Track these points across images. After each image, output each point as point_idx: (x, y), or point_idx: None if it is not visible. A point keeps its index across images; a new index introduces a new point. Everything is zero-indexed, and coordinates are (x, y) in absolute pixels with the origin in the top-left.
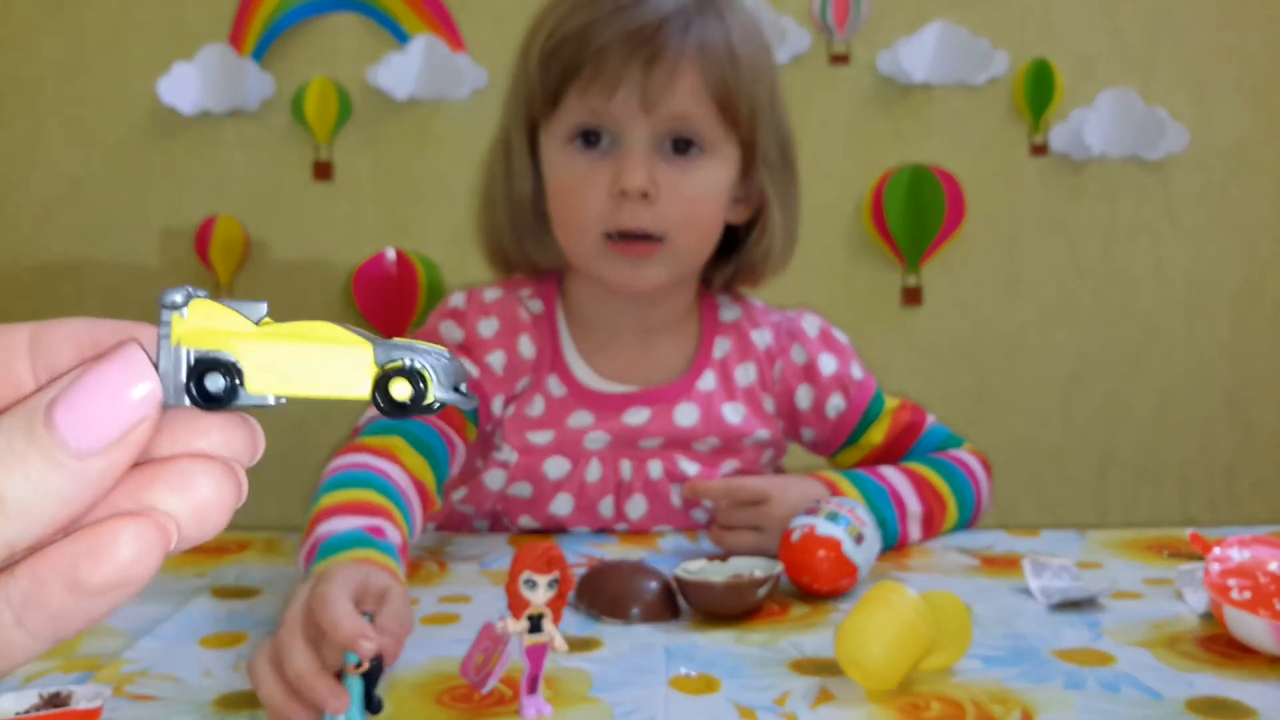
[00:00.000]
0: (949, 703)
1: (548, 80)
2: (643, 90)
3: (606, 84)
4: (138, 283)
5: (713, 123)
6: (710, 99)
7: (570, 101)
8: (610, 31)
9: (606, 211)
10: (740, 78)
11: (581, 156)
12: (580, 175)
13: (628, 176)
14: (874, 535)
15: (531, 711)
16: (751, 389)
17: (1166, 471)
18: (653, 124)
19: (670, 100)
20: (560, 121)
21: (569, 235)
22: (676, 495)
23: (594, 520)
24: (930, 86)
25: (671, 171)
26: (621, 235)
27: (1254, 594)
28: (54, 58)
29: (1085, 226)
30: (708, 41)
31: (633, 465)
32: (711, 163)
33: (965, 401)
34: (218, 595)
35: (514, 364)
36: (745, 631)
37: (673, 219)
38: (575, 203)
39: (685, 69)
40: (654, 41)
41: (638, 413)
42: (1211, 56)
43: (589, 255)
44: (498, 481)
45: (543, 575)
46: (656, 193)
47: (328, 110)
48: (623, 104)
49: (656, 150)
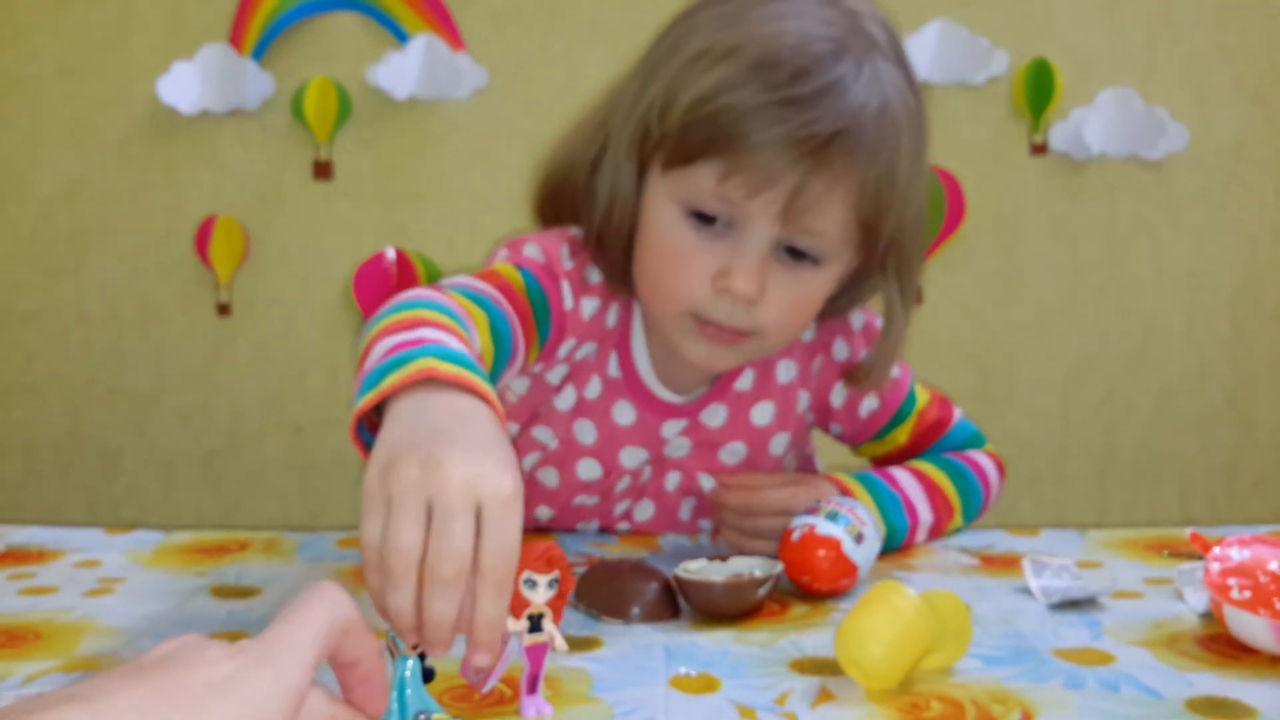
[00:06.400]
0: (949, 703)
1: (686, 144)
2: (788, 203)
3: (752, 184)
4: (138, 283)
5: (847, 241)
6: (855, 224)
7: (702, 176)
8: (773, 130)
9: (703, 298)
10: (895, 197)
11: (694, 233)
12: (686, 252)
13: (741, 281)
14: (874, 535)
15: (531, 711)
16: (790, 386)
17: (1166, 471)
18: (783, 233)
19: (813, 218)
20: (683, 186)
21: (655, 300)
22: (686, 508)
23: (606, 518)
24: (930, 86)
25: (783, 275)
26: (712, 323)
27: (1254, 594)
28: (54, 58)
29: (1085, 226)
30: (875, 159)
31: (652, 471)
32: (829, 269)
33: (965, 401)
34: (218, 595)
35: (598, 322)
36: (745, 631)
37: (770, 322)
38: (672, 277)
39: (841, 190)
40: (819, 156)
41: (674, 424)
42: (1211, 56)
43: (670, 324)
44: (530, 462)
45: (543, 575)
46: (763, 298)
47: (327, 110)
48: (761, 207)
49: (773, 253)
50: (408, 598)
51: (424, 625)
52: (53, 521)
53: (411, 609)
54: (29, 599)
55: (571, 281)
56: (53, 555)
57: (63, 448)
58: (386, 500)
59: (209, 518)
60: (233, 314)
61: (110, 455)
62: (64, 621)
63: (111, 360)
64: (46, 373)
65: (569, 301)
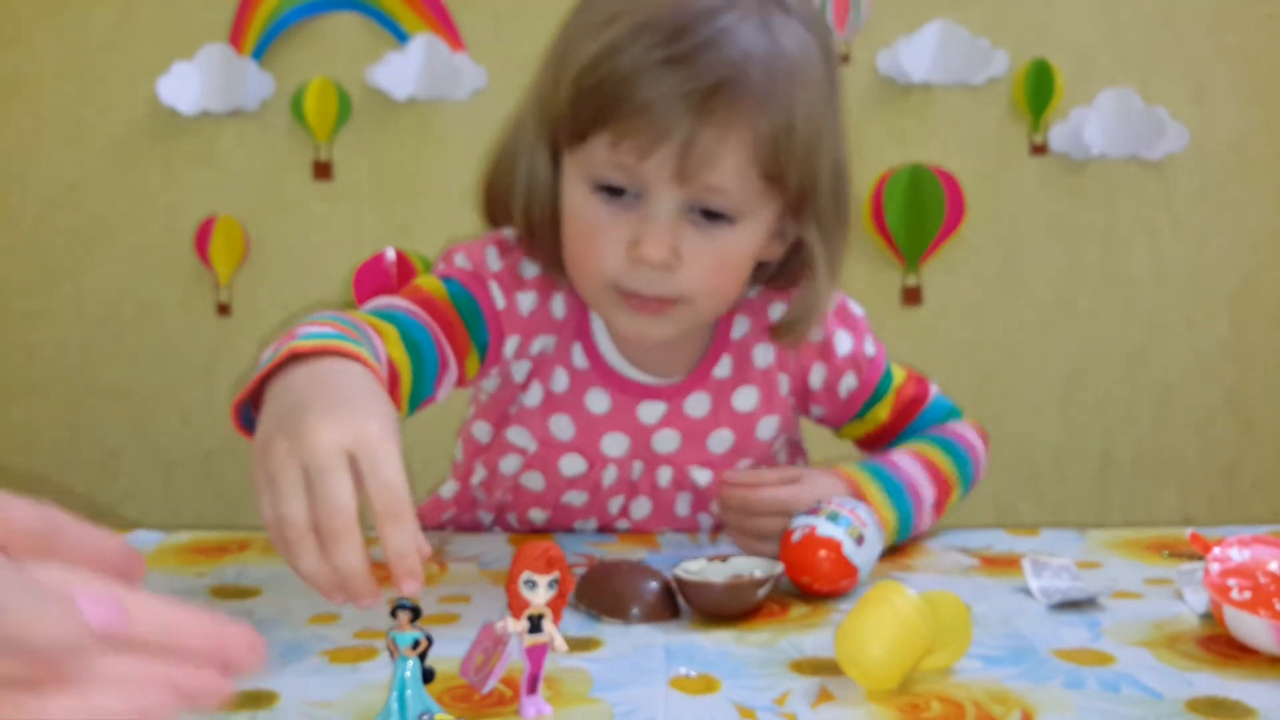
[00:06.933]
0: (949, 703)
1: (577, 117)
2: (680, 160)
3: (641, 146)
4: (138, 283)
5: (753, 192)
6: (756, 171)
7: (598, 147)
8: (655, 88)
9: (620, 270)
10: (795, 143)
11: (602, 207)
12: (597, 226)
13: (649, 248)
14: (876, 537)
15: (531, 711)
16: (769, 370)
17: (1166, 471)
18: (683, 192)
19: (709, 173)
20: (584, 162)
21: (578, 277)
22: (683, 504)
23: (602, 515)
24: (930, 86)
25: (697, 238)
26: (634, 294)
27: (1254, 594)
28: (54, 58)
29: (1085, 226)
30: (764, 104)
31: (643, 466)
32: (745, 227)
33: (965, 401)
34: (217, 595)
35: (542, 314)
36: (745, 631)
37: (693, 286)
38: (587, 253)
39: (733, 140)
40: (703, 107)
41: (652, 408)
42: (1211, 56)
43: (596, 301)
44: (512, 467)
45: (543, 575)
46: (678, 263)
47: (327, 110)
48: (655, 169)
49: (684, 216)
50: (314, 561)
51: (341, 578)
52: None
53: (321, 569)
54: None
55: (501, 281)
56: None
57: (63, 448)
58: (269, 480)
59: (209, 518)
60: (233, 314)
61: (110, 455)
62: None
63: (111, 360)
64: (46, 373)
65: (500, 301)
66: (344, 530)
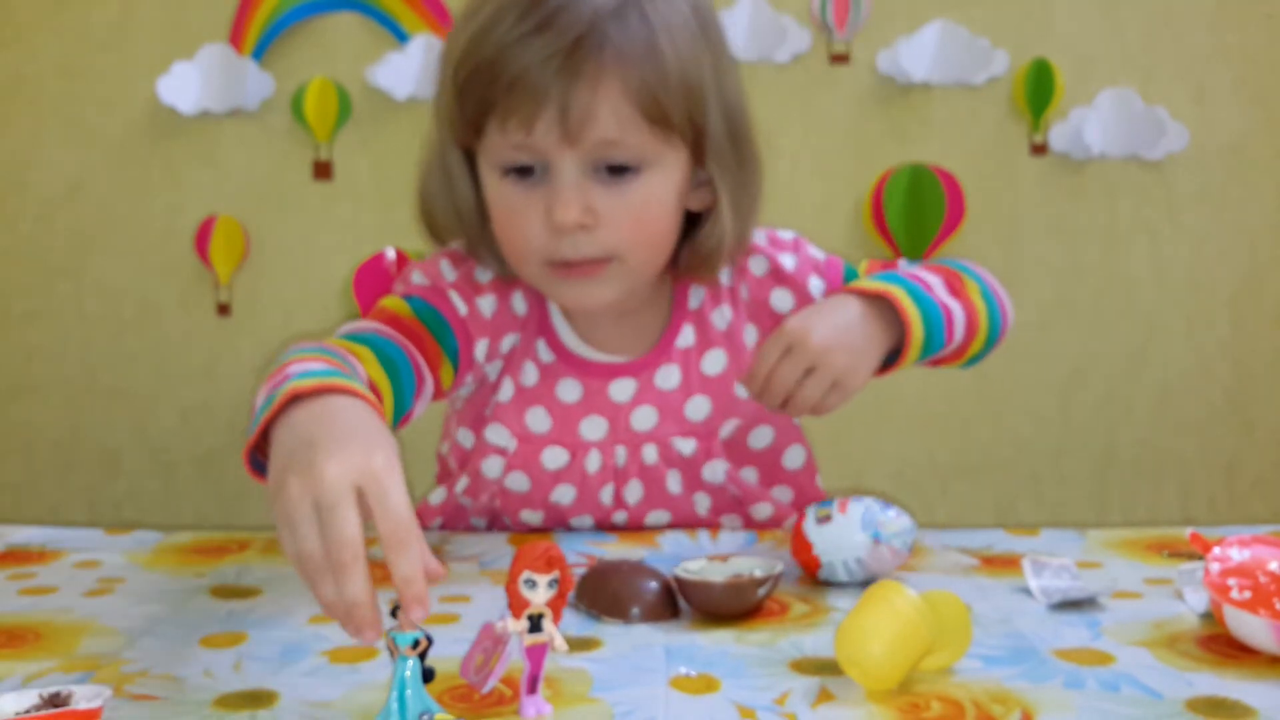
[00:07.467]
0: (949, 703)
1: (466, 113)
2: (561, 121)
3: (524, 118)
4: (138, 283)
5: (646, 138)
6: (640, 117)
7: (492, 134)
8: (520, 60)
9: (546, 243)
10: (670, 84)
11: (515, 188)
12: (515, 208)
13: (559, 211)
14: (864, 525)
15: (531, 711)
16: (732, 329)
17: (1166, 471)
18: (579, 153)
19: (594, 128)
20: (488, 152)
21: (514, 263)
22: (674, 480)
23: (595, 508)
24: (930, 86)
25: (609, 195)
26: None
27: (1254, 594)
28: (54, 58)
29: (1085, 226)
30: (627, 53)
31: (627, 451)
32: (654, 175)
33: (965, 401)
34: (218, 595)
35: (504, 314)
36: (745, 631)
37: (619, 241)
38: (514, 234)
39: (605, 91)
40: (568, 66)
41: (623, 385)
42: (1211, 56)
43: (536, 280)
44: (495, 470)
45: (543, 575)
46: (595, 220)
47: (327, 110)
48: (543, 137)
49: (591, 175)
50: (332, 591)
51: (349, 608)
52: (53, 521)
53: (338, 600)
54: (29, 599)
55: (459, 290)
56: (53, 555)
57: (63, 448)
58: (286, 519)
59: (209, 518)
60: (233, 314)
61: (110, 455)
62: (64, 621)
63: (111, 360)
64: (46, 373)
65: (462, 308)
66: (350, 562)
